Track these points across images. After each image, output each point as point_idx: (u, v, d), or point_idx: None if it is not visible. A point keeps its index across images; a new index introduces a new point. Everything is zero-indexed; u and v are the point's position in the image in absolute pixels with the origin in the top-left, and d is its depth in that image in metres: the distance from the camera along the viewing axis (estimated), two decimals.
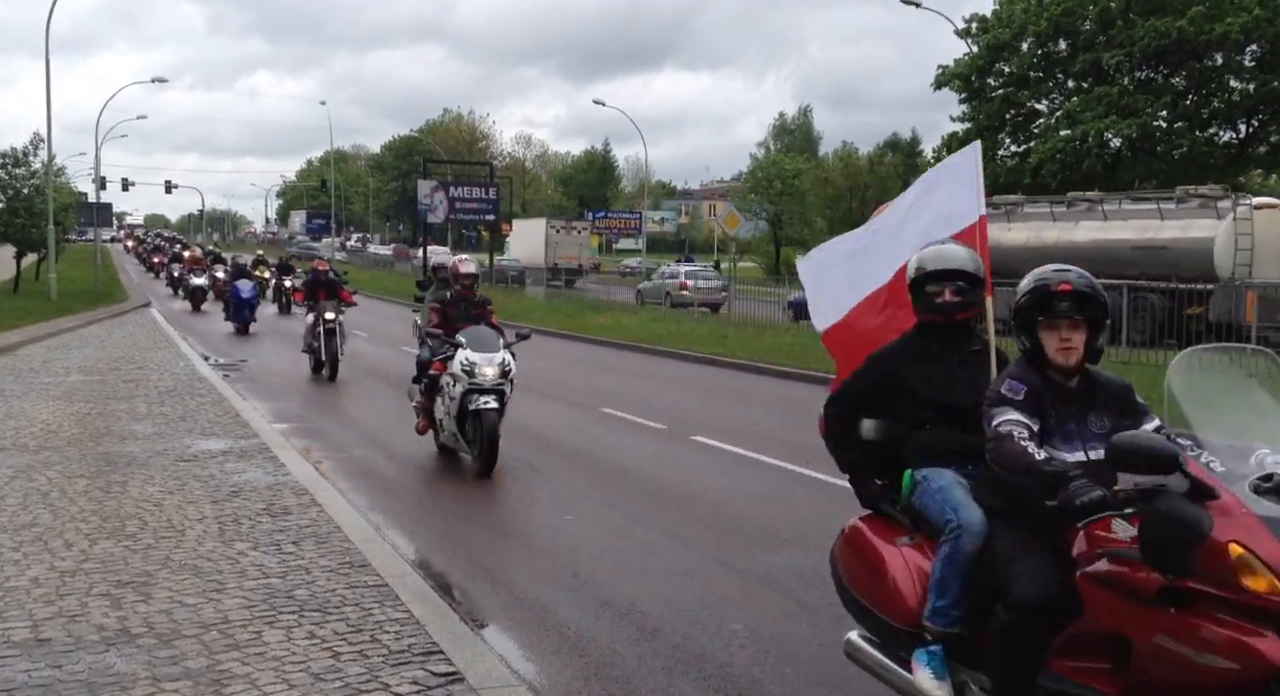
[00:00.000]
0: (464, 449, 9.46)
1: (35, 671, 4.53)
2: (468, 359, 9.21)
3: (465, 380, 9.14)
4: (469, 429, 9.24)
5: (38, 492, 7.89)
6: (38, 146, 33.88)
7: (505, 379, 9.35)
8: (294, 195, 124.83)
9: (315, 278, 17.92)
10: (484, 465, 9.13)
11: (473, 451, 9.27)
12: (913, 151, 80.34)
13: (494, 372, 9.22)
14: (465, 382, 9.14)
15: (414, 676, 4.52)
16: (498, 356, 9.34)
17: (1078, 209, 24.63)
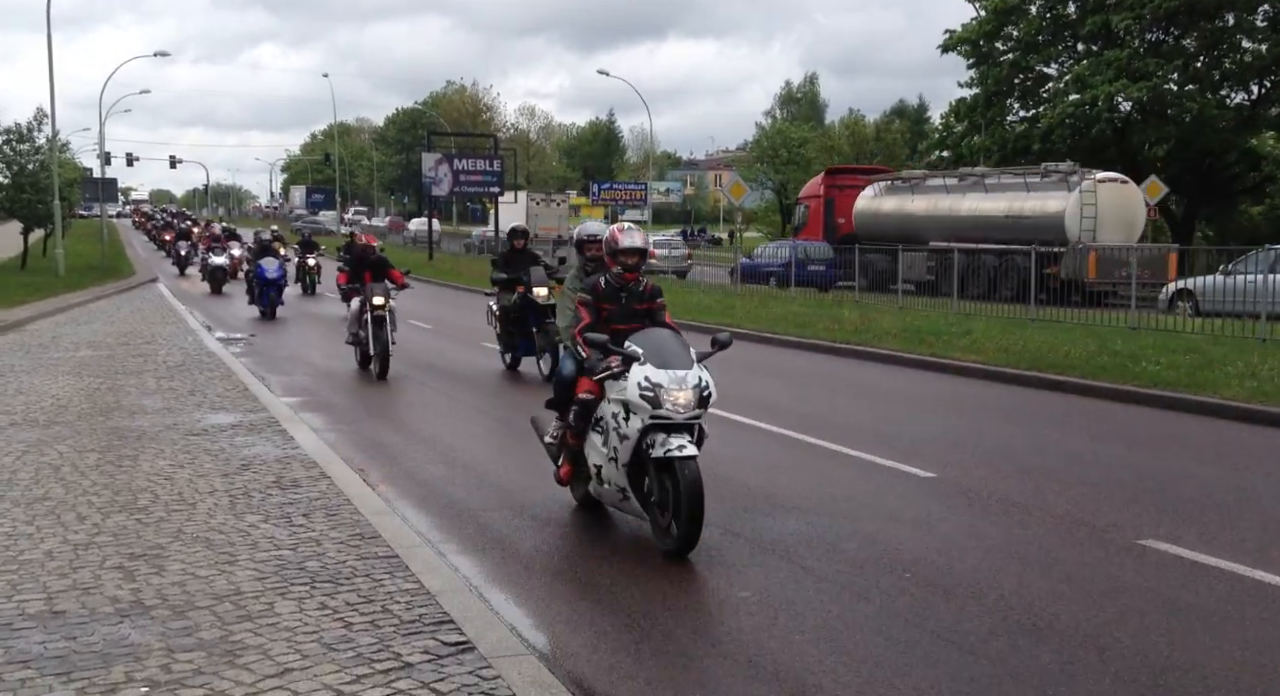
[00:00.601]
0: (636, 511, 6.46)
1: (50, 643, 4.57)
2: (648, 379, 6.13)
3: (646, 411, 6.09)
4: (652, 484, 6.26)
5: (49, 467, 7.94)
6: (41, 122, 33.83)
7: (704, 409, 6.32)
8: (298, 169, 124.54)
9: (361, 255, 14.72)
10: (681, 544, 6.09)
11: (660, 518, 6.23)
12: (920, 118, 79.85)
13: (689, 400, 6.14)
14: (646, 415, 6.10)
15: (425, 646, 4.56)
16: (692, 375, 6.23)
17: (966, 183, 28.41)
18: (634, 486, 6.30)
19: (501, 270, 14.08)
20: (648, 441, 6.12)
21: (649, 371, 6.16)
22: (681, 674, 4.59)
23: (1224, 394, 11.14)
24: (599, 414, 6.55)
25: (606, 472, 6.48)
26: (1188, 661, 4.66)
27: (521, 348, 13.90)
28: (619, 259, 6.80)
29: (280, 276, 22.30)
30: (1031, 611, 5.27)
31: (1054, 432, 10.03)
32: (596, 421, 6.58)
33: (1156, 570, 5.86)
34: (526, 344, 13.70)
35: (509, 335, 14.02)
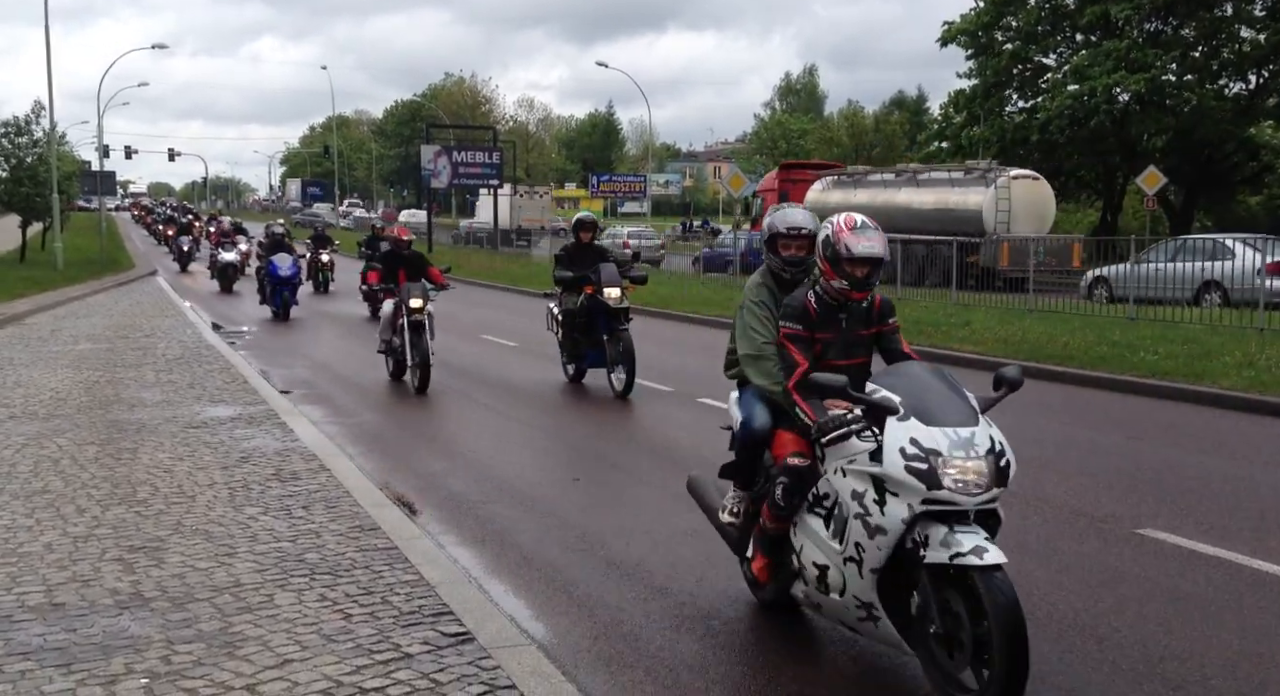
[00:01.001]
0: (892, 640, 4.29)
1: (50, 634, 4.58)
2: (916, 442, 4.10)
3: (918, 492, 4.05)
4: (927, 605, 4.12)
5: (49, 460, 7.94)
6: (39, 115, 33.80)
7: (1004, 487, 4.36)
8: (297, 162, 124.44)
9: (394, 250, 13.34)
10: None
11: (945, 659, 4.09)
12: (919, 109, 79.74)
13: (982, 473, 4.21)
14: (917, 499, 4.06)
15: (425, 637, 4.57)
16: (981, 434, 4.32)
17: (902, 178, 31.06)
18: (888, 604, 4.21)
19: (566, 267, 12.13)
20: (916, 537, 4.08)
21: (914, 429, 4.12)
22: (681, 664, 4.60)
23: (1222, 383, 11.15)
24: (822, 490, 4.53)
25: (837, 578, 4.37)
26: (1185, 650, 4.67)
27: (590, 358, 12.06)
28: (846, 269, 4.63)
29: (295, 274, 20.53)
30: (1029, 600, 5.27)
31: (1052, 423, 10.04)
32: (818, 500, 4.56)
33: (1154, 559, 5.88)
34: (595, 354, 11.90)
35: (574, 343, 12.16)
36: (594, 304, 11.62)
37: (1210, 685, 4.33)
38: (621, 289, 11.71)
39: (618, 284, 11.71)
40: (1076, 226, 45.00)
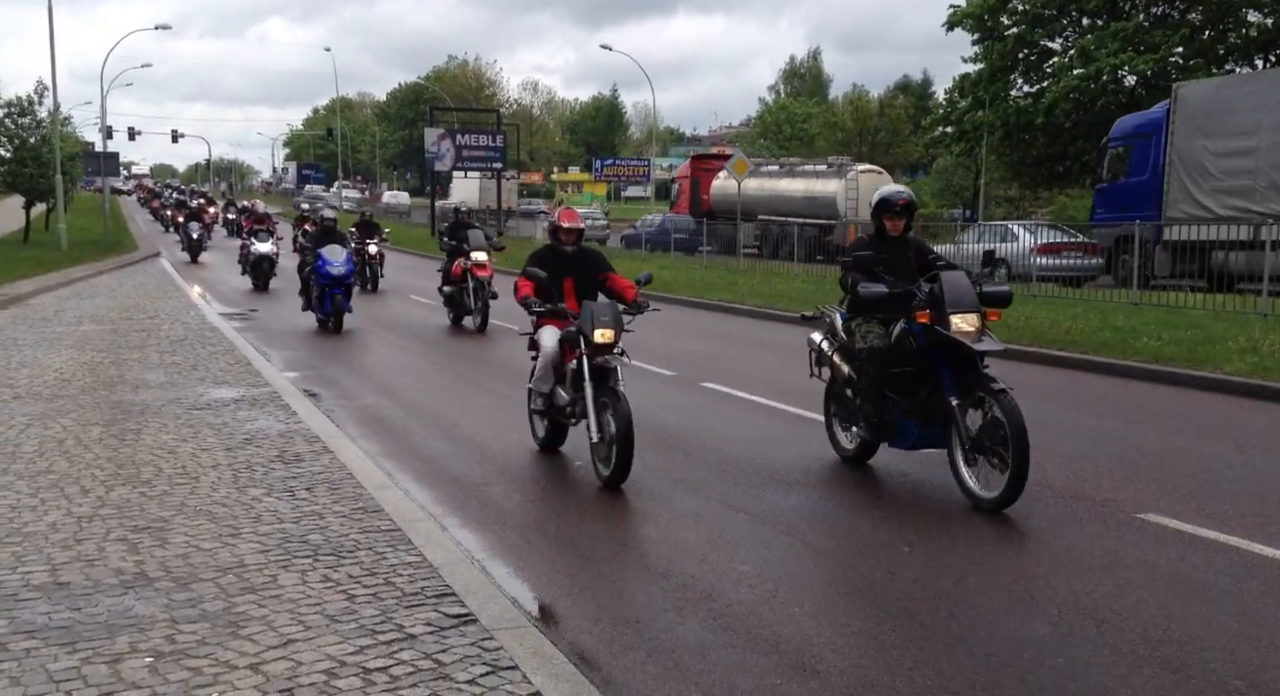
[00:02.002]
0: None
1: (55, 613, 4.61)
2: None
3: None
4: None
5: (53, 440, 7.97)
6: (42, 95, 33.75)
7: None
8: (300, 144, 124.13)
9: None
10: None
11: None
12: (924, 93, 79.41)
13: None
14: None
15: (428, 618, 4.59)
16: None
17: (783, 170, 37.72)
18: None
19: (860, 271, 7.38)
20: None
21: None
22: (682, 645, 4.62)
23: (1225, 369, 11.14)
24: None
25: None
26: (1185, 634, 4.68)
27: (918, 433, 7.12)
28: None
29: (350, 272, 16.09)
30: (1030, 584, 5.30)
31: (1055, 407, 10.04)
32: None
33: (1155, 544, 5.89)
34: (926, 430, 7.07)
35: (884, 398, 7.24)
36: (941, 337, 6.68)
37: (1210, 668, 4.34)
38: None
39: None
40: (1080, 212, 44.90)
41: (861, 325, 7.25)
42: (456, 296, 16.60)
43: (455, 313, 16.76)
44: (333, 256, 15.88)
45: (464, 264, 16.33)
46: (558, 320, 7.71)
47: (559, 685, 3.96)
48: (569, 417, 7.75)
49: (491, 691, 3.91)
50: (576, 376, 7.38)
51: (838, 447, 7.82)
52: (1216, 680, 4.24)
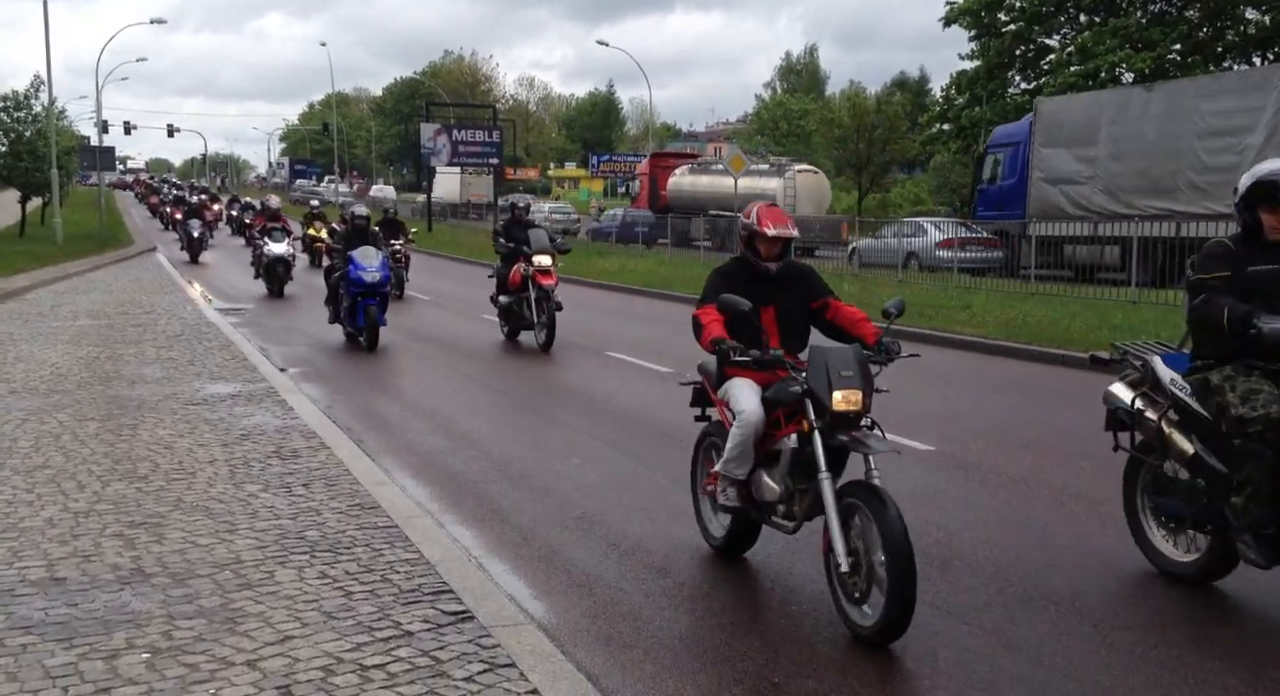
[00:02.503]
0: None
1: (52, 609, 4.60)
2: None
3: None
4: None
5: (49, 435, 7.95)
6: (38, 89, 33.64)
7: None
8: (296, 139, 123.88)
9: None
10: None
11: None
12: (921, 90, 79.39)
13: None
14: None
15: (425, 615, 4.59)
16: None
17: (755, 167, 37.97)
18: None
19: None
20: None
21: None
22: (679, 642, 4.62)
23: None
24: None
25: None
26: (1183, 634, 4.69)
27: None
28: None
29: (385, 279, 13.68)
30: (1028, 583, 5.30)
31: (1053, 406, 10.05)
32: None
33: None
34: None
35: None
36: None
37: (1208, 667, 4.35)
38: None
39: None
40: None
41: (1240, 382, 4.69)
42: (515, 308, 14.04)
43: (512, 326, 14.35)
44: (365, 260, 13.43)
45: (524, 269, 13.74)
46: (760, 372, 5.22)
47: (556, 683, 3.95)
48: (784, 519, 5.19)
49: (489, 689, 3.91)
50: (797, 461, 5.02)
51: (1156, 558, 5.39)
52: (1215, 679, 4.25)
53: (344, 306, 13.84)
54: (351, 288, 13.48)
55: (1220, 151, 19.46)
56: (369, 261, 13.50)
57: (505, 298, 14.24)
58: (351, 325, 13.80)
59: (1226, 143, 19.39)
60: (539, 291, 13.61)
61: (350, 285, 13.48)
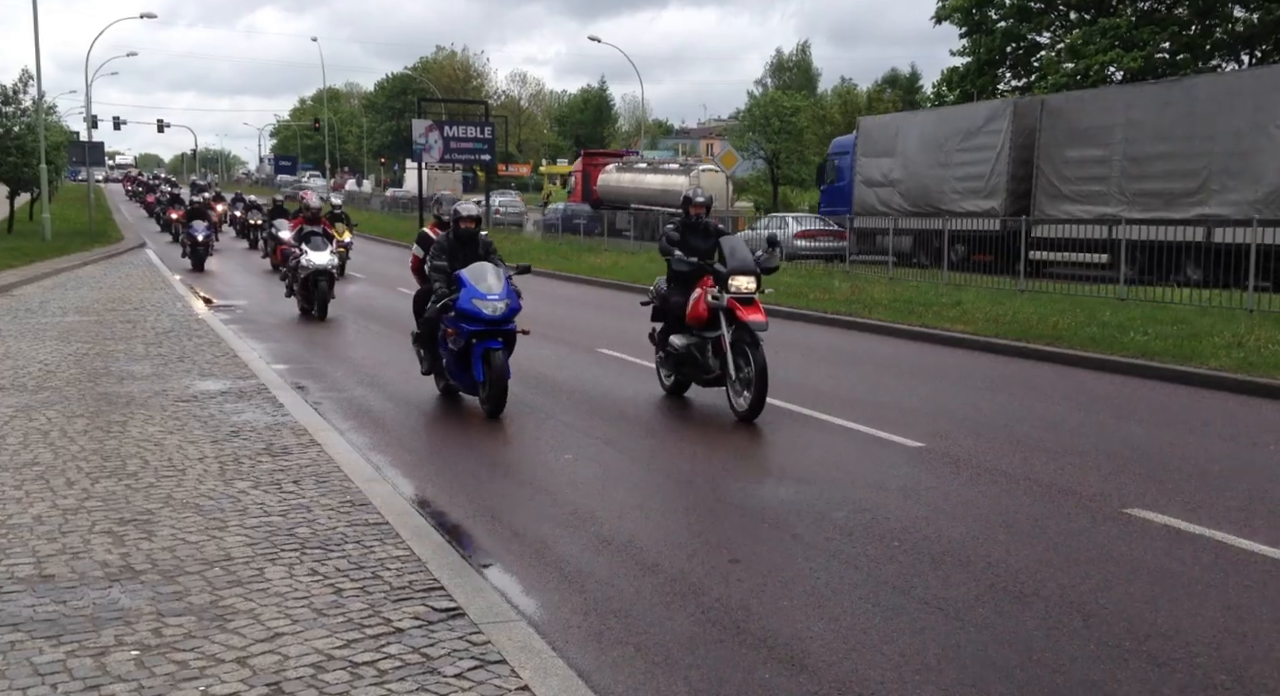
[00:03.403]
0: None
1: (40, 606, 4.58)
2: None
3: None
4: None
5: (38, 432, 7.92)
6: (27, 83, 33.46)
7: None
8: (287, 135, 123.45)
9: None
10: None
11: None
12: (912, 87, 79.45)
13: None
14: None
15: (415, 611, 4.58)
16: None
17: (650, 166, 42.94)
18: None
19: None
20: None
21: None
22: (671, 640, 4.62)
23: (1211, 364, 11.19)
24: None
25: None
26: (1171, 628, 4.71)
27: None
28: None
29: (514, 311, 9.40)
30: (1017, 578, 5.32)
31: (1042, 402, 10.08)
32: None
33: (1141, 538, 5.91)
34: None
35: None
36: None
37: (1195, 662, 4.37)
38: None
39: None
40: None
41: None
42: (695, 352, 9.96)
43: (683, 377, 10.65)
44: (483, 283, 9.13)
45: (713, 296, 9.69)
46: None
47: (547, 679, 3.95)
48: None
49: (479, 685, 3.91)
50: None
51: None
52: (1202, 674, 4.27)
53: (450, 348, 9.32)
54: (465, 326, 9.12)
55: (972, 163, 24.88)
56: (490, 287, 9.12)
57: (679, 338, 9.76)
58: (459, 377, 9.52)
59: (973, 159, 24.99)
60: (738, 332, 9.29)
61: (462, 319, 9.16)
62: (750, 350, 8.87)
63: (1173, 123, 20.57)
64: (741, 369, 9.01)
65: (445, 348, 9.58)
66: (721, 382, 9.33)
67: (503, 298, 9.21)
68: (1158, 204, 20.39)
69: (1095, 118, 22.21)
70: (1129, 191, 21.27)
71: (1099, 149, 21.87)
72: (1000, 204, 23.82)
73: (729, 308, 9.14)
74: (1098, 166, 21.92)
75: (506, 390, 9.18)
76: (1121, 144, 21.46)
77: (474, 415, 9.51)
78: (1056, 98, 25.39)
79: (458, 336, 9.27)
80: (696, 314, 9.48)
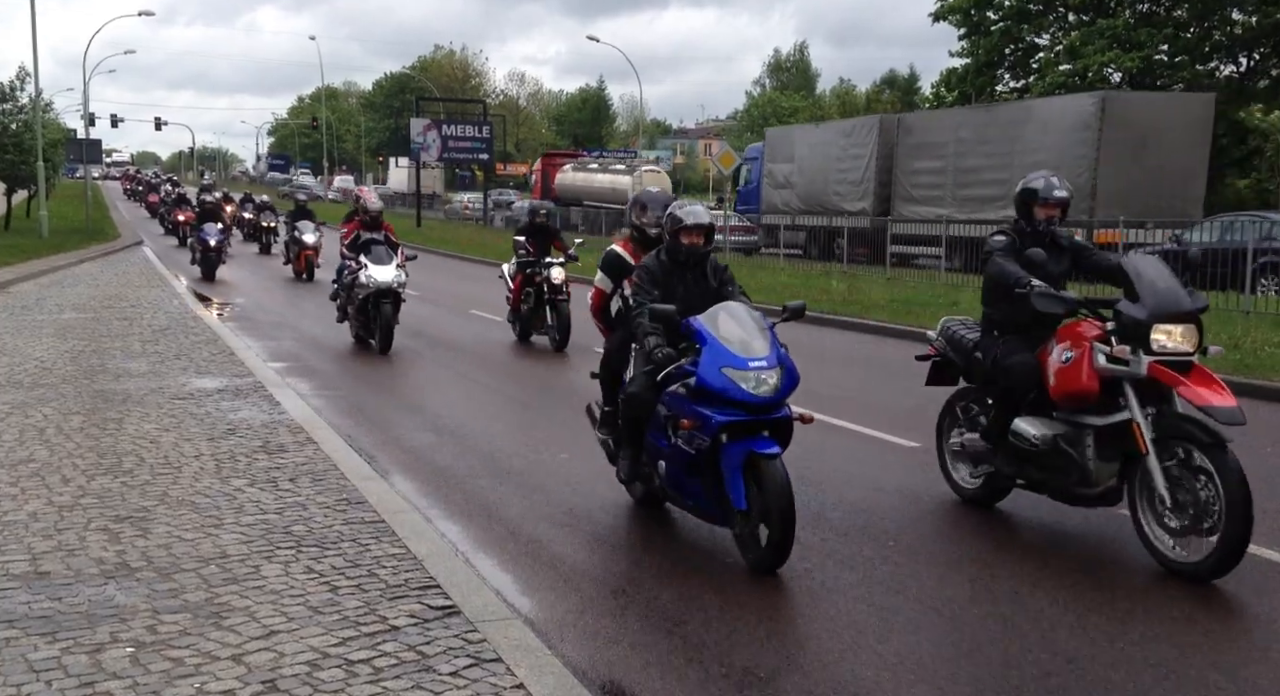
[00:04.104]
0: None
1: (35, 603, 4.58)
2: None
3: None
4: None
5: (34, 429, 7.91)
6: (24, 80, 33.40)
7: None
8: (285, 133, 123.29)
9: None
10: None
11: None
12: (911, 88, 79.52)
13: None
14: None
15: (411, 610, 4.58)
16: None
17: (601, 165, 46.74)
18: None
19: None
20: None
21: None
22: (665, 639, 4.63)
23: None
24: None
25: None
26: (1169, 630, 4.72)
27: None
28: None
29: (791, 385, 5.67)
30: (1012, 579, 5.32)
31: None
32: None
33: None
34: None
35: None
36: None
37: (1190, 663, 4.37)
38: None
39: None
40: None
41: None
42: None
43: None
44: (737, 340, 5.66)
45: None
46: None
47: (543, 677, 3.95)
48: None
49: (475, 684, 3.91)
50: None
51: None
52: (1197, 675, 4.27)
53: (674, 449, 5.77)
54: (707, 409, 5.58)
55: (849, 170, 28.80)
56: (747, 346, 5.66)
57: None
58: (693, 496, 5.85)
59: (850, 165, 28.66)
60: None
61: (703, 403, 5.62)
62: (1210, 458, 5.24)
63: (988, 140, 24.75)
64: (1182, 492, 5.30)
65: (663, 442, 5.86)
66: (1106, 502, 5.89)
67: (773, 364, 5.60)
68: (978, 207, 24.16)
69: (936, 134, 26.36)
70: (958, 197, 25.42)
71: (938, 160, 26.15)
72: (870, 205, 27.77)
73: (1154, 376, 5.51)
74: (936, 175, 26.24)
75: (791, 534, 5.35)
76: (953, 157, 25.68)
77: (471, 415, 9.48)
78: (909, 116, 30.23)
79: (699, 429, 5.56)
80: (1076, 385, 5.78)
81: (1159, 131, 22.31)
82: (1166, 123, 22.71)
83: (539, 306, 13.66)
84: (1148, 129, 22.29)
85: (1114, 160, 21.98)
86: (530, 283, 13.69)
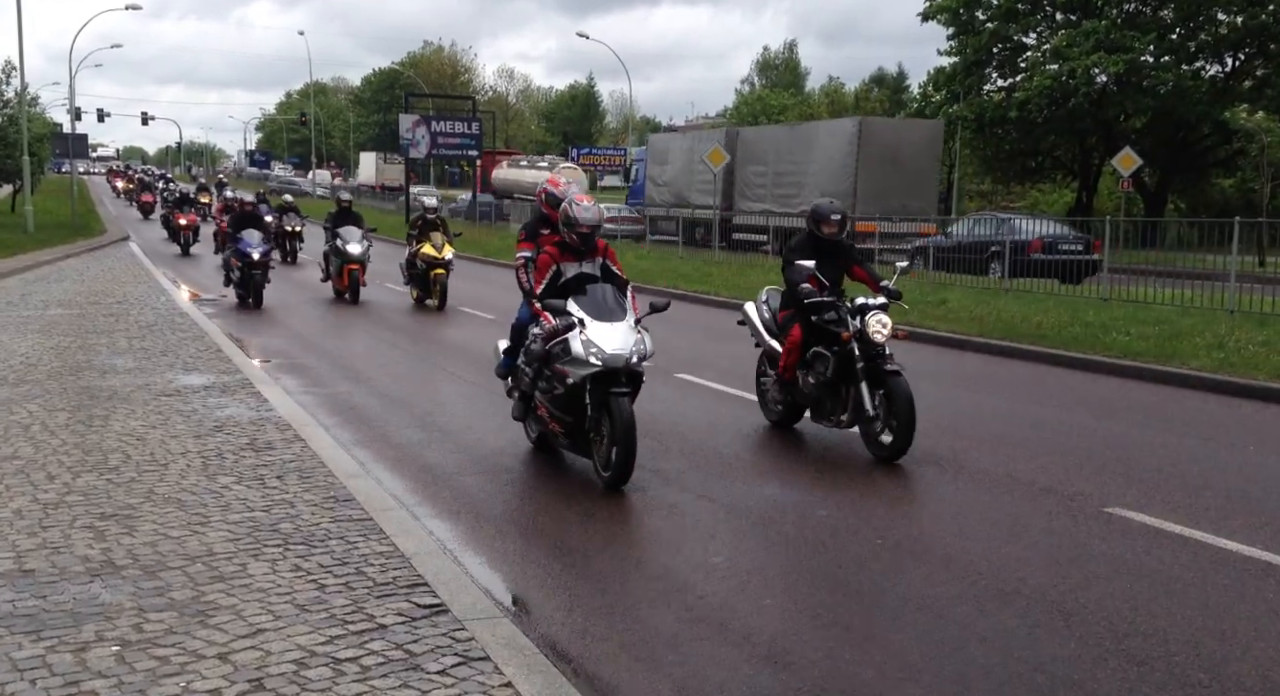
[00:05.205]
0: None
1: (20, 601, 4.56)
2: None
3: None
4: None
5: (18, 426, 7.87)
6: (9, 75, 33.23)
7: None
8: (274, 129, 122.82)
9: None
10: None
11: None
12: (899, 86, 79.67)
13: None
14: None
15: (399, 608, 4.58)
16: None
17: (528, 163, 51.96)
18: None
19: None
20: None
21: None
22: (654, 637, 4.63)
23: (1192, 364, 11.27)
24: None
25: None
26: (1150, 626, 4.74)
27: None
28: None
29: None
30: (998, 577, 5.35)
31: (1024, 402, 10.13)
32: None
33: (1122, 537, 5.95)
34: None
35: None
36: None
37: (1174, 661, 4.40)
38: None
39: None
40: (1053, 206, 45.18)
41: None
42: None
43: None
44: None
45: None
46: None
47: (531, 676, 3.96)
48: None
49: (463, 682, 3.91)
50: None
51: None
52: (1180, 672, 4.30)
53: None
54: None
55: (704, 172, 31.21)
56: None
57: None
58: None
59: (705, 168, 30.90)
60: None
61: None
62: None
63: (792, 151, 30.91)
64: None
65: None
66: None
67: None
68: (784, 202, 29.88)
69: (761, 146, 32.44)
70: (775, 194, 31.14)
71: (762, 166, 32.04)
72: (719, 201, 31.52)
73: None
74: (761, 178, 32.11)
75: None
76: (772, 163, 31.56)
77: (458, 413, 9.47)
78: (745, 131, 36.28)
79: None
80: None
81: (902, 148, 28.80)
82: (908, 141, 29.30)
83: None
84: (895, 146, 28.77)
85: (870, 169, 28.31)
86: None
